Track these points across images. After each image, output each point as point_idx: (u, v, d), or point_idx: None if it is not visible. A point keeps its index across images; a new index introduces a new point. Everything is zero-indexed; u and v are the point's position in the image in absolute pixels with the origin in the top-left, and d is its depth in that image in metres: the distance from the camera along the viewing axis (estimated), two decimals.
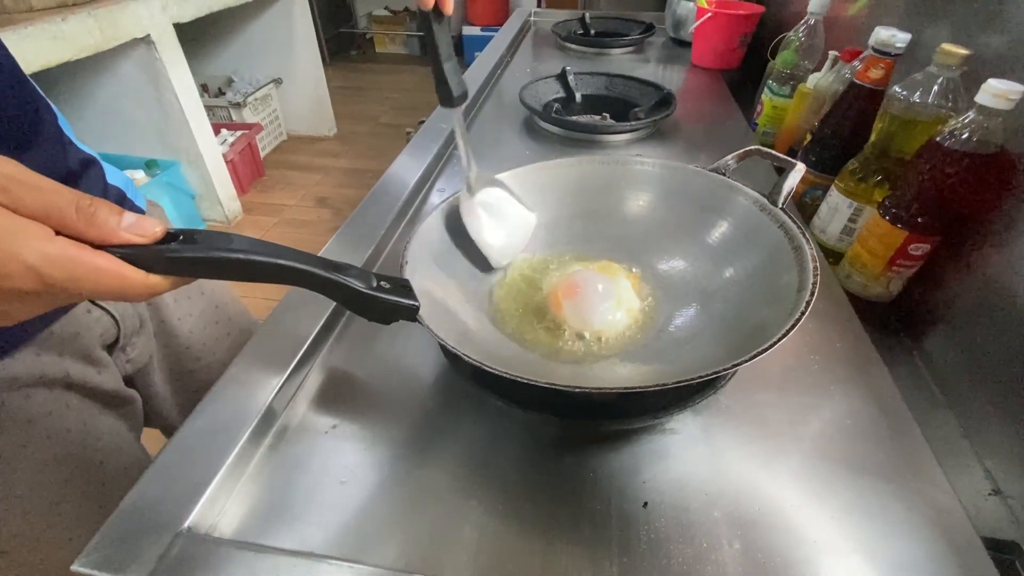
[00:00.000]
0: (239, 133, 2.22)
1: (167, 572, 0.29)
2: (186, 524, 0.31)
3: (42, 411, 0.43)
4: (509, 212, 0.49)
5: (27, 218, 0.23)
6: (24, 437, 0.42)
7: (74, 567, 0.29)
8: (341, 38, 3.84)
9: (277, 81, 2.56)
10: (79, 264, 0.24)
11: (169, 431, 0.63)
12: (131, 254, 0.25)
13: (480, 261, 0.48)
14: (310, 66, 2.57)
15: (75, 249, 0.24)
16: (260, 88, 2.44)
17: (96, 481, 0.48)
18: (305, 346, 0.43)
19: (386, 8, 3.80)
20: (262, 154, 2.46)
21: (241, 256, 0.28)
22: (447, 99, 0.43)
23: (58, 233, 0.24)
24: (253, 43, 2.49)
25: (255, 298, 0.74)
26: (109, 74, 1.68)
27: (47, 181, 0.23)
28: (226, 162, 2.03)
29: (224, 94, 2.40)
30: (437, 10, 0.39)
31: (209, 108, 2.00)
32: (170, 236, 0.27)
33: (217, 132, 2.05)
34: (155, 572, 0.28)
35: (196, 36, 2.27)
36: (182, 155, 1.86)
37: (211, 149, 1.91)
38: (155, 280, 0.26)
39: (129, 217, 0.25)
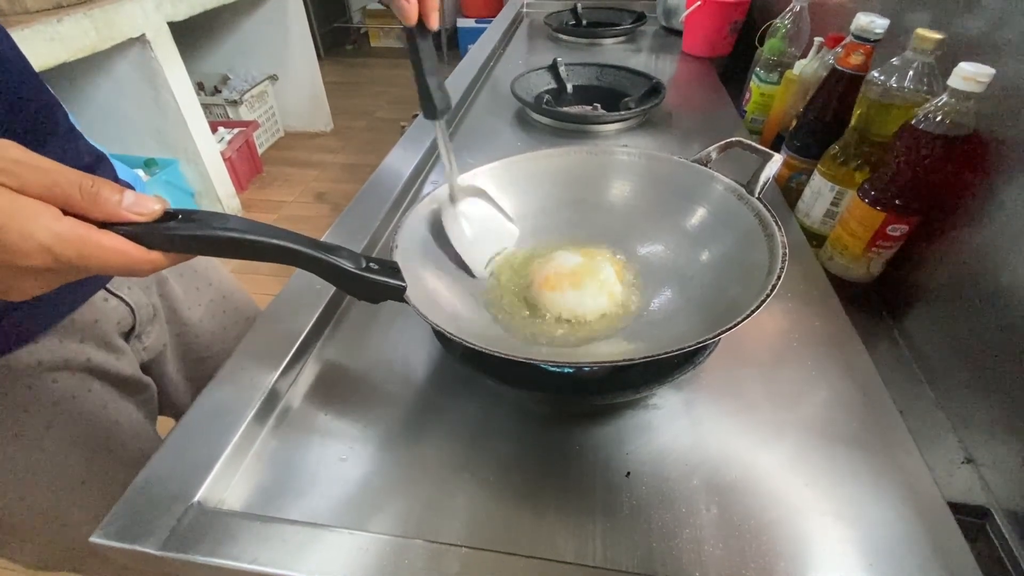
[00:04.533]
0: (236, 131, 2.23)
1: (179, 541, 0.31)
2: (196, 498, 0.33)
3: (66, 394, 0.45)
4: (491, 224, 0.48)
5: (35, 199, 0.23)
6: (49, 418, 0.45)
7: (92, 539, 0.31)
8: (335, 33, 3.83)
9: (273, 78, 2.56)
10: (87, 242, 0.25)
11: None
12: (133, 232, 0.26)
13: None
14: (305, 62, 2.57)
15: (83, 228, 0.24)
16: (256, 85, 2.44)
17: (118, 462, 0.50)
18: (304, 334, 0.44)
19: (380, 2, 3.78)
20: (260, 151, 2.47)
21: (236, 235, 0.29)
22: (431, 113, 0.44)
23: (65, 213, 0.24)
24: (247, 40, 2.50)
25: (255, 294, 0.75)
26: (106, 75, 1.69)
27: (50, 162, 0.24)
28: (224, 160, 2.04)
29: (220, 92, 2.41)
30: (422, 25, 0.39)
31: (206, 106, 2.01)
32: (169, 215, 0.28)
33: (215, 130, 2.06)
34: (168, 541, 0.31)
35: (190, 34, 2.27)
36: (180, 154, 1.87)
37: (209, 147, 1.92)
38: (156, 256, 0.27)
39: (130, 196, 0.26)
